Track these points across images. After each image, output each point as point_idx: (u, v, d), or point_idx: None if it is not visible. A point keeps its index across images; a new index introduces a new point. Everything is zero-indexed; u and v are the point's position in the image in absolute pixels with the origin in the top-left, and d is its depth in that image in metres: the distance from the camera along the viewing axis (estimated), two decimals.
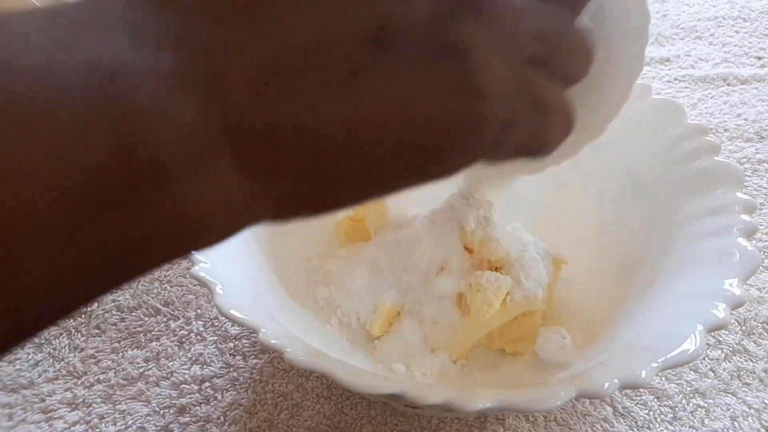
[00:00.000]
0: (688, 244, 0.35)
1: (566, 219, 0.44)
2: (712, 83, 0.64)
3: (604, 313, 0.37)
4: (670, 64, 0.68)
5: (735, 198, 0.34)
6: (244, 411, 0.37)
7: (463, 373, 0.37)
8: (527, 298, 0.37)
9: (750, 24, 0.73)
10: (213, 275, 0.30)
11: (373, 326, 0.38)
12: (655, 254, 0.37)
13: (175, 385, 0.39)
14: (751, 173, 0.53)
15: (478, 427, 0.37)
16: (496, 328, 0.37)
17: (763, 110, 0.60)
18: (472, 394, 0.27)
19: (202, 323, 0.42)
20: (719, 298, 0.30)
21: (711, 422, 0.37)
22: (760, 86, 0.63)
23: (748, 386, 0.38)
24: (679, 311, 0.31)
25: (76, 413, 0.38)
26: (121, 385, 0.39)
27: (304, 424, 0.37)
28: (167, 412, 0.37)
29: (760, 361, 0.40)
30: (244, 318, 0.29)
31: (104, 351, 0.41)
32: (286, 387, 0.39)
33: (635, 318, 0.34)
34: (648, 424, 0.37)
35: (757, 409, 0.37)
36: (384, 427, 0.37)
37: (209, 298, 0.44)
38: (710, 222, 0.34)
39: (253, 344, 0.41)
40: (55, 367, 0.40)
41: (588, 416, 0.37)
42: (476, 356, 0.38)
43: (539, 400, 0.26)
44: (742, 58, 0.68)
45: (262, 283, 0.37)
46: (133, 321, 0.43)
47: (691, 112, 0.60)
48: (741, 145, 0.56)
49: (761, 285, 0.44)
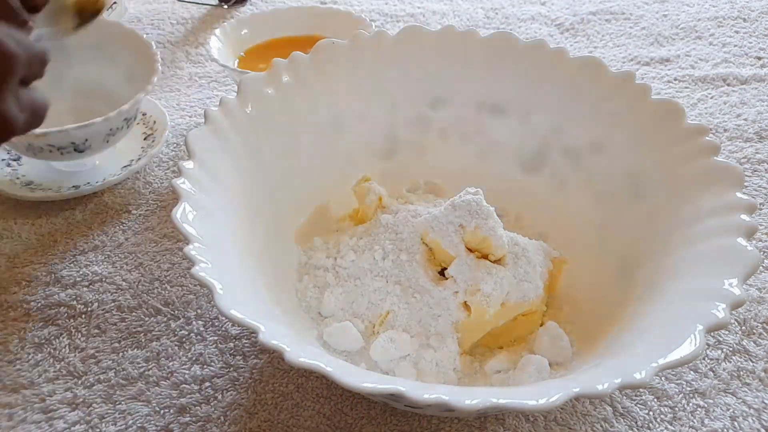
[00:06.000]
0: (688, 244, 0.35)
1: (566, 219, 0.44)
2: (712, 83, 0.64)
3: (604, 313, 0.37)
4: (670, 64, 0.68)
5: (735, 198, 0.34)
6: (244, 411, 0.37)
7: (463, 373, 0.37)
8: (527, 298, 0.37)
9: (750, 24, 0.73)
10: (213, 275, 0.30)
11: (373, 324, 0.38)
12: (655, 254, 0.37)
13: (175, 385, 0.39)
14: (751, 173, 0.53)
15: (478, 427, 0.37)
16: (496, 328, 0.37)
17: (763, 110, 0.60)
18: (472, 394, 0.27)
19: (203, 323, 0.42)
20: (719, 298, 0.30)
21: (711, 422, 0.37)
22: (760, 86, 0.63)
23: (748, 386, 0.38)
24: (679, 311, 0.31)
25: (76, 413, 0.38)
26: (121, 385, 0.39)
27: (304, 424, 0.37)
28: (167, 412, 0.38)
29: (760, 361, 0.40)
30: (244, 318, 0.29)
31: (104, 351, 0.41)
32: (286, 387, 0.39)
33: (635, 318, 0.34)
34: (648, 424, 0.37)
35: (757, 409, 0.37)
36: (384, 427, 0.37)
37: (209, 298, 0.44)
38: (710, 222, 0.34)
39: (253, 344, 0.41)
40: (55, 367, 0.40)
41: (588, 416, 0.37)
42: (476, 355, 0.38)
43: (539, 400, 0.26)
44: (742, 58, 0.68)
45: (260, 283, 0.37)
46: (134, 321, 0.43)
47: (691, 112, 0.60)
48: (741, 145, 0.56)
49: (761, 285, 0.44)
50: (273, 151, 0.42)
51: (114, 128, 0.49)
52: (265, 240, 0.40)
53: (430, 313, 0.37)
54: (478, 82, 0.46)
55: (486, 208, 0.37)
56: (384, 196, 0.42)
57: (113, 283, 0.45)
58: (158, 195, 0.53)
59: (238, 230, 0.37)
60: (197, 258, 0.31)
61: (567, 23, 0.75)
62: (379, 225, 0.41)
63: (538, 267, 0.39)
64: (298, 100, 0.44)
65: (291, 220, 0.43)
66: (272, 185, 0.42)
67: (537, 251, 0.39)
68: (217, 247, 0.33)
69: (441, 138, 0.48)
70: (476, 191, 0.38)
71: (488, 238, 0.37)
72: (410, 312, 0.37)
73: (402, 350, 0.36)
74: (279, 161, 0.42)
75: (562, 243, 0.42)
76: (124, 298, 0.44)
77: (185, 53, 0.71)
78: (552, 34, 0.74)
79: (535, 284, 0.38)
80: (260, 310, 0.32)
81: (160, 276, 0.46)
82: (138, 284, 0.45)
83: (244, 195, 0.39)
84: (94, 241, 0.49)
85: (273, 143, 0.42)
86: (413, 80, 0.46)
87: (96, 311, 0.43)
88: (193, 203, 0.34)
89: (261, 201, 0.40)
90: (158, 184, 0.54)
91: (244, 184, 0.39)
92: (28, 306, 0.44)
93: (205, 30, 0.76)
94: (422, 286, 0.38)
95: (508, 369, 0.37)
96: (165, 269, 0.46)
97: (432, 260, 0.39)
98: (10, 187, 0.51)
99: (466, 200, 0.37)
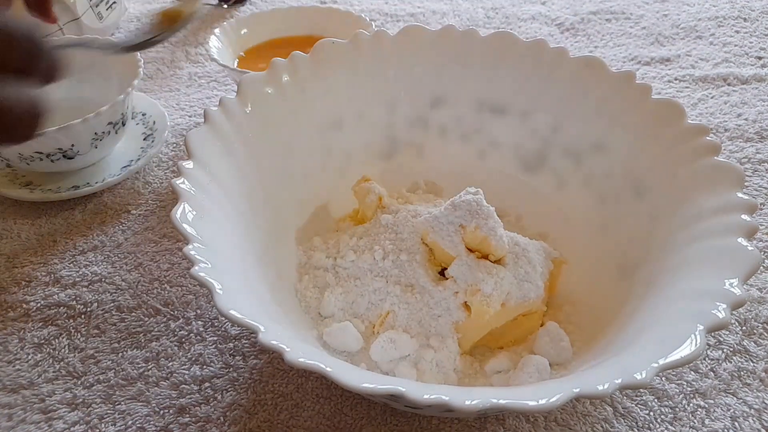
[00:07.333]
0: (689, 244, 0.35)
1: (566, 219, 0.44)
2: (712, 83, 0.64)
3: (604, 313, 0.37)
4: (670, 64, 0.68)
5: (735, 198, 0.34)
6: (244, 411, 0.37)
7: (463, 373, 0.37)
8: (527, 298, 0.37)
9: (750, 24, 0.73)
10: (212, 275, 0.30)
11: (373, 325, 0.38)
12: (655, 254, 0.37)
13: (174, 386, 0.39)
14: (751, 173, 0.53)
15: (478, 428, 0.37)
16: (496, 328, 0.37)
17: (764, 110, 0.60)
18: (472, 394, 0.27)
19: (202, 323, 0.42)
20: (720, 298, 0.30)
21: (711, 422, 0.37)
22: (760, 86, 0.63)
23: (748, 386, 0.38)
24: (680, 311, 0.31)
25: (75, 413, 0.38)
26: (121, 385, 0.39)
27: (304, 424, 0.37)
28: (167, 412, 0.37)
29: (760, 361, 0.40)
30: (244, 318, 0.28)
31: (104, 351, 0.41)
32: (285, 387, 0.39)
33: (635, 318, 0.34)
34: (648, 424, 0.37)
35: (757, 409, 0.37)
36: (384, 427, 0.37)
37: (209, 299, 0.44)
38: (710, 222, 0.34)
39: (253, 344, 0.41)
40: (54, 367, 0.40)
41: (588, 416, 0.37)
42: (476, 355, 0.38)
43: (539, 401, 0.26)
44: (742, 58, 0.68)
45: (260, 283, 0.37)
46: (133, 321, 0.43)
47: (691, 112, 0.60)
48: (741, 145, 0.56)
49: (761, 285, 0.44)
50: (273, 151, 0.42)
51: (99, 132, 0.49)
52: (265, 240, 0.40)
53: (430, 313, 0.37)
54: (478, 81, 0.46)
55: (486, 208, 0.37)
56: (384, 196, 0.42)
57: (113, 284, 0.45)
58: (158, 195, 0.53)
59: (238, 230, 0.37)
60: (196, 258, 0.31)
61: (567, 23, 0.75)
62: (379, 225, 0.41)
63: (539, 267, 0.39)
64: (298, 100, 0.44)
65: (291, 220, 0.43)
66: (272, 185, 0.42)
67: (537, 251, 0.39)
68: (217, 247, 0.33)
69: (441, 138, 0.48)
70: (476, 191, 0.38)
71: (488, 238, 0.37)
72: (410, 312, 0.37)
73: (402, 350, 0.36)
74: (279, 161, 0.42)
75: (562, 243, 0.42)
76: (124, 298, 0.44)
77: (185, 53, 0.71)
78: (552, 33, 0.74)
79: (535, 284, 0.38)
80: (260, 310, 0.32)
81: (159, 276, 0.46)
82: (137, 284, 0.45)
83: (244, 195, 0.39)
84: (94, 241, 0.49)
85: (273, 143, 0.42)
86: (413, 80, 0.46)
87: (95, 311, 0.43)
88: (193, 203, 0.34)
89: (261, 201, 0.40)
90: (158, 184, 0.54)
91: (244, 184, 0.39)
92: (27, 306, 0.44)
93: (205, 30, 0.76)
94: (422, 286, 0.38)
95: (508, 369, 0.37)
96: (164, 269, 0.46)
97: (432, 260, 0.39)
98: (10, 188, 0.51)
99: (466, 200, 0.37)
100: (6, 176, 0.53)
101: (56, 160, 0.49)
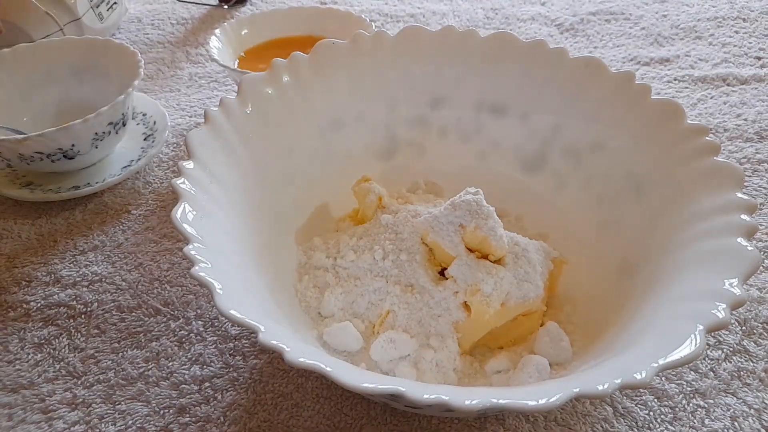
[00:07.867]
0: (689, 244, 0.35)
1: (566, 219, 0.44)
2: (712, 83, 0.64)
3: (604, 313, 0.37)
4: (670, 64, 0.68)
5: (735, 198, 0.34)
6: (244, 411, 0.37)
7: (463, 373, 0.37)
8: (527, 298, 0.37)
9: (750, 24, 0.73)
10: (212, 275, 0.30)
11: (373, 324, 0.38)
12: (655, 254, 0.37)
13: (174, 386, 0.39)
14: (751, 173, 0.53)
15: (478, 428, 0.37)
16: (496, 328, 0.37)
17: (763, 110, 0.60)
18: (472, 394, 0.27)
19: (202, 323, 0.42)
20: (719, 298, 0.30)
21: (711, 422, 0.37)
22: (760, 86, 0.63)
23: (748, 386, 0.38)
24: (680, 311, 0.31)
25: (75, 413, 0.38)
26: (121, 385, 0.39)
27: (304, 424, 0.37)
28: (167, 412, 0.37)
29: (760, 361, 0.40)
30: (244, 318, 0.29)
31: (104, 351, 0.41)
32: (285, 387, 0.39)
33: (635, 318, 0.34)
34: (648, 424, 0.37)
35: (757, 409, 0.37)
36: (384, 427, 0.37)
37: (209, 299, 0.44)
38: (710, 222, 0.34)
39: (253, 344, 0.41)
40: (54, 367, 0.40)
41: (588, 416, 0.37)
42: (476, 355, 0.38)
43: (539, 401, 0.26)
44: (741, 58, 0.68)
45: (261, 283, 0.37)
46: (133, 321, 0.43)
47: (691, 112, 0.60)
48: (741, 145, 0.56)
49: (761, 285, 0.44)
50: (273, 151, 0.42)
51: (100, 132, 0.49)
52: (265, 240, 0.40)
53: (430, 313, 0.37)
54: (478, 82, 0.46)
55: (486, 208, 0.37)
56: (384, 196, 0.42)
57: (113, 283, 0.45)
58: (158, 195, 0.53)
59: (238, 230, 0.37)
60: (197, 258, 0.31)
61: (567, 23, 0.76)
62: (379, 225, 0.41)
63: (539, 267, 0.39)
64: (298, 100, 0.44)
65: (291, 220, 0.43)
66: (272, 185, 0.42)
67: (537, 251, 0.39)
68: (217, 247, 0.33)
69: (441, 138, 0.48)
70: (476, 191, 0.38)
71: (488, 238, 0.37)
72: (410, 312, 0.37)
73: (402, 350, 0.36)
74: (279, 161, 0.42)
75: (562, 243, 0.42)
76: (124, 298, 0.44)
77: (185, 53, 0.71)
78: (552, 34, 0.74)
79: (535, 284, 0.38)
80: (260, 310, 0.32)
81: (159, 276, 0.46)
82: (138, 284, 0.45)
83: (244, 195, 0.39)
84: (94, 241, 0.49)
85: (273, 143, 0.42)
86: (413, 80, 0.46)
87: (96, 311, 0.43)
88: (193, 203, 0.34)
89: (261, 201, 0.40)
90: (158, 184, 0.54)
91: (244, 184, 0.39)
92: (27, 306, 0.44)
93: (205, 30, 0.76)
94: (422, 286, 0.38)
95: (508, 369, 0.37)
96: (165, 269, 0.46)
97: (432, 260, 0.39)
98: (11, 188, 0.51)
99: (466, 200, 0.37)
100: (6, 176, 0.53)
101: (57, 160, 0.49)
